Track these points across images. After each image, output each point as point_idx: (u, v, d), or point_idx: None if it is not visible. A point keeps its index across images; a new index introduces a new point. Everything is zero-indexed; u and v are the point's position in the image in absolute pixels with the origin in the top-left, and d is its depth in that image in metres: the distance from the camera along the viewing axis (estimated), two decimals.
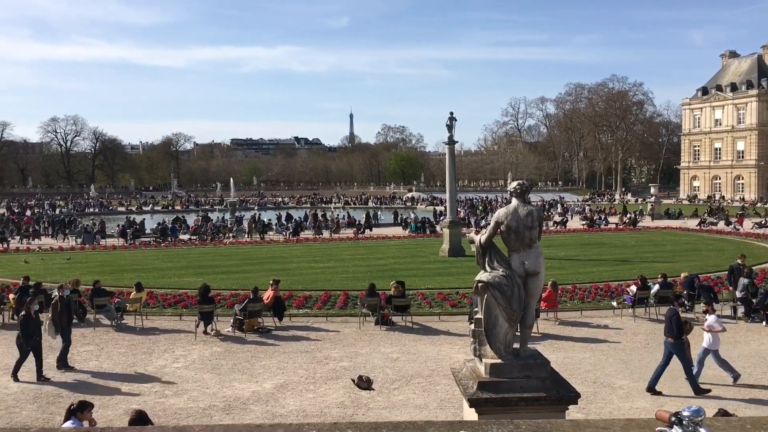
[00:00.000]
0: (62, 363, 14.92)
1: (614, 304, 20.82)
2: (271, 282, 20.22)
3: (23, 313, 14.63)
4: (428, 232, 49.17)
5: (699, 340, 14.43)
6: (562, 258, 32.13)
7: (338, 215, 59.99)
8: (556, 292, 19.96)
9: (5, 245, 41.65)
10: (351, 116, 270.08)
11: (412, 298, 20.68)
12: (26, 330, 14.21)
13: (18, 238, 46.19)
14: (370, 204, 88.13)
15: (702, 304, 16.62)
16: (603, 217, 58.56)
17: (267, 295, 19.60)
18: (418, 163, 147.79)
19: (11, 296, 20.95)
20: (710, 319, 14.32)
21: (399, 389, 13.32)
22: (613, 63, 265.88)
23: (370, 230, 50.93)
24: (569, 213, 65.55)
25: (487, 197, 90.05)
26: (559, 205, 74.57)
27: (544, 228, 48.00)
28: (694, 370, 13.65)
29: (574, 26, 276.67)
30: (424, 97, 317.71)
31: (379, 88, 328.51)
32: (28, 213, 68.09)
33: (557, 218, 57.38)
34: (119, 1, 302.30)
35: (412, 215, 60.44)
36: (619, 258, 32.58)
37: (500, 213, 8.05)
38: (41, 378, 14.08)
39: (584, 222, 56.03)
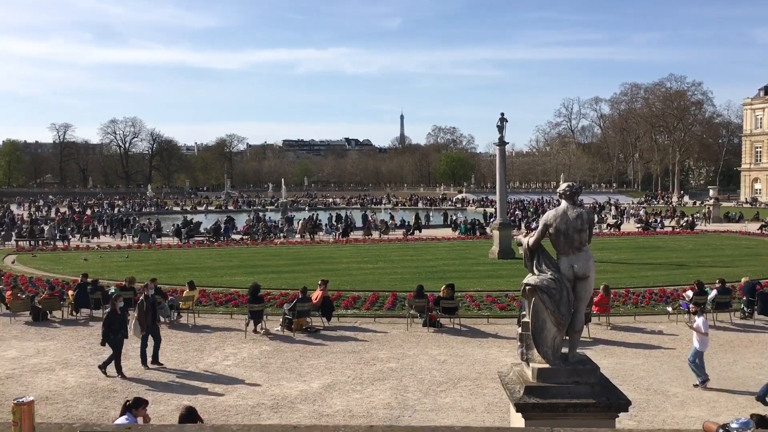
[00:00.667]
0: (155, 359, 15.20)
1: (669, 309, 20.27)
2: (319, 282, 20.36)
3: (109, 309, 14.96)
4: (478, 233, 48.80)
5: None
6: (615, 261, 31.46)
7: (390, 216, 60.07)
8: (608, 296, 19.53)
9: (66, 243, 43.12)
10: (402, 117, 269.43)
11: (460, 300, 20.55)
12: (111, 326, 14.51)
13: (78, 236, 47.80)
14: (420, 205, 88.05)
15: (690, 305, 16.56)
16: (659, 219, 57.13)
17: (316, 295, 19.74)
18: (468, 165, 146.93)
19: (70, 293, 21.65)
20: (698, 321, 14.25)
21: (446, 392, 13.24)
22: (671, 62, 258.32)
23: (420, 231, 50.89)
24: (624, 216, 64.14)
25: (538, 199, 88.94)
26: (612, 207, 73.07)
27: (597, 231, 47.36)
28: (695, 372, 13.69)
29: (631, 25, 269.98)
30: (476, 98, 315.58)
31: (430, 89, 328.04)
32: (89, 212, 70.33)
33: (611, 221, 56.23)
34: (178, 6, 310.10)
35: (462, 217, 60.13)
36: (675, 262, 31.70)
37: (549, 215, 7.93)
38: (120, 373, 14.36)
39: (639, 225, 54.75)
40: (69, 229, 49.01)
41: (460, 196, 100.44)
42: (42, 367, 15.20)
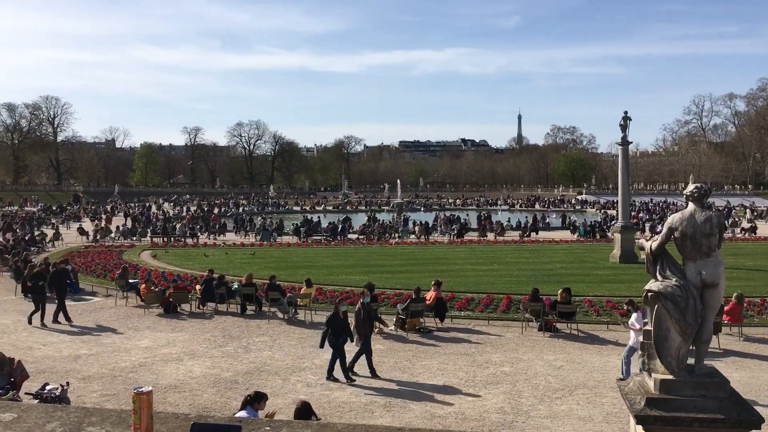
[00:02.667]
0: (372, 372, 14.59)
1: None
2: (433, 283, 20.34)
3: (332, 313, 15.28)
4: (598, 236, 47.12)
5: None
6: (750, 268, 29.36)
7: (509, 219, 59.09)
8: (741, 305, 18.24)
9: (195, 240, 45.66)
10: (519, 117, 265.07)
11: (578, 305, 19.88)
12: (335, 328, 14.76)
13: (206, 233, 50.50)
14: (537, 207, 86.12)
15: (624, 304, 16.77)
16: None
17: (429, 295, 19.75)
18: (588, 165, 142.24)
19: (198, 287, 22.87)
20: (632, 317, 13.99)
21: (562, 399, 12.85)
22: None
23: (537, 233, 49.77)
24: (761, 219, 59.72)
25: (664, 201, 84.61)
26: (748, 210, 68.28)
27: (730, 235, 44.49)
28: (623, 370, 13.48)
29: None
30: (598, 96, 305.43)
31: (549, 88, 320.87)
32: (216, 211, 74.06)
33: (746, 224, 52.56)
34: (299, 12, 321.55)
35: (581, 219, 58.24)
36: None
37: (674, 218, 7.49)
38: (347, 377, 14.34)
39: None
40: (198, 227, 51.86)
41: (579, 198, 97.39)
42: (171, 356, 16.14)
